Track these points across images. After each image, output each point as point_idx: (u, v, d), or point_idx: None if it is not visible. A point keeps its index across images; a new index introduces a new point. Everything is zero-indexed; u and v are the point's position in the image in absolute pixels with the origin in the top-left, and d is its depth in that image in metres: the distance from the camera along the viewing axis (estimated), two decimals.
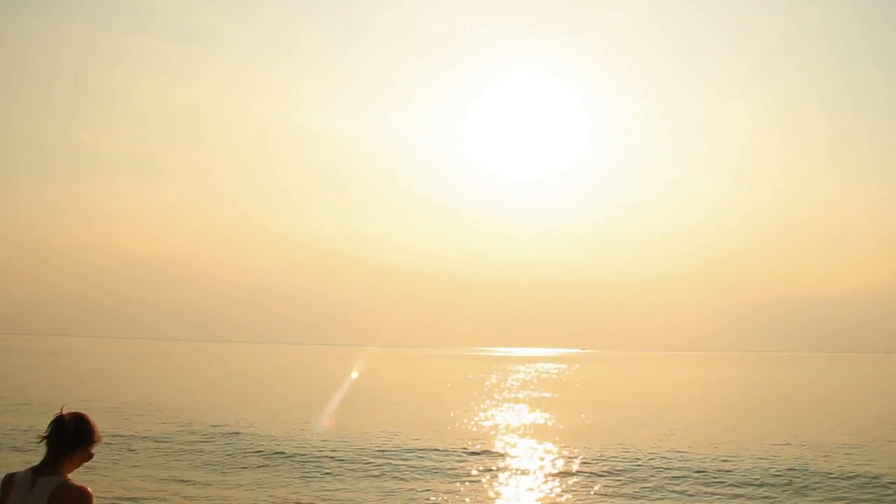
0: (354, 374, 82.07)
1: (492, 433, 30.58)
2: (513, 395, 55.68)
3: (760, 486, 19.56)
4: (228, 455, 23.21)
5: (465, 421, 34.59)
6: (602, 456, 23.24)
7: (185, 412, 34.34)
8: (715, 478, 20.28)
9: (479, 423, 34.32)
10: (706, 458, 23.23)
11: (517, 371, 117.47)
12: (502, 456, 23.93)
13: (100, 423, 4.99)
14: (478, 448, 25.36)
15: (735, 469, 21.46)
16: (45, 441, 4.81)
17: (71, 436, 4.80)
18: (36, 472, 4.74)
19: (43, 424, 5.00)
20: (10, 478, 4.78)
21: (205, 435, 26.89)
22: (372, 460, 22.13)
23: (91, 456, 4.93)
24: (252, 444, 25.01)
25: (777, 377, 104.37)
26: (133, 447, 23.77)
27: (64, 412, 4.88)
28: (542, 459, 22.95)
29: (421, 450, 24.14)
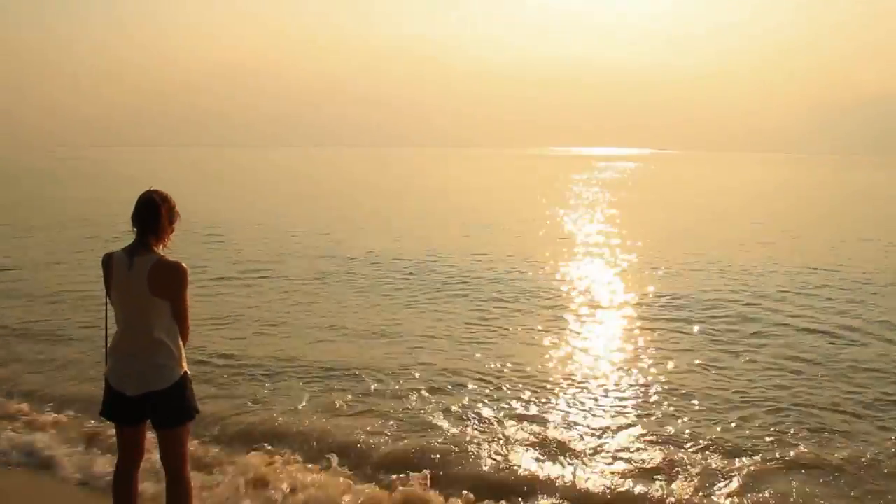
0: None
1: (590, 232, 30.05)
2: (599, 195, 54.74)
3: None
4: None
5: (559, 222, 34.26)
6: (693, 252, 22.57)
7: None
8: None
9: (575, 223, 33.97)
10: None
11: (598, 170, 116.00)
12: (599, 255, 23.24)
13: None
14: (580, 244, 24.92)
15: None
16: (133, 220, 4.84)
17: (160, 210, 4.83)
18: (130, 252, 4.80)
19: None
20: (109, 257, 4.88)
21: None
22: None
23: (172, 230, 4.94)
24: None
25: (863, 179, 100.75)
26: None
27: (151, 189, 4.93)
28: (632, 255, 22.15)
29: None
